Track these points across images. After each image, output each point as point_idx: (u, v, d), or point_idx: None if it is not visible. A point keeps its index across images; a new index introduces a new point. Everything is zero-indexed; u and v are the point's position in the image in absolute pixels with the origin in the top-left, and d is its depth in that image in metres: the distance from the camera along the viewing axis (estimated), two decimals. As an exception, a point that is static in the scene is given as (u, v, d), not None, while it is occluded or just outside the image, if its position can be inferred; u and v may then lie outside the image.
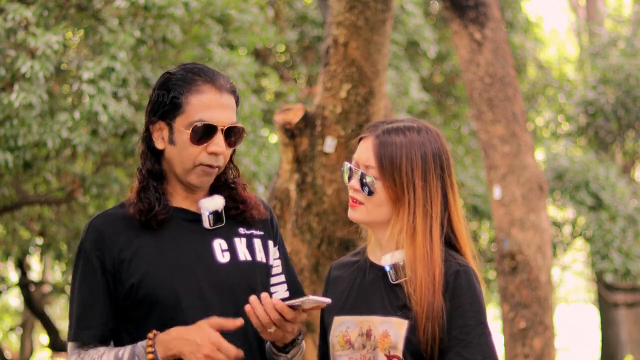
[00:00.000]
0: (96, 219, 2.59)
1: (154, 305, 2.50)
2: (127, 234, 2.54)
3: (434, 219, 2.50)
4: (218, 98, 2.55)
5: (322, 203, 5.25)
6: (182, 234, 2.56)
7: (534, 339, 7.18)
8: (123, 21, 8.17)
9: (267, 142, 9.85)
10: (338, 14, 5.21)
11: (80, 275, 2.55)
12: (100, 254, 2.53)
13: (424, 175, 2.50)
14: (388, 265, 2.52)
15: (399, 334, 2.46)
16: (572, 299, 26.82)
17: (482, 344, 2.44)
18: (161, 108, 2.56)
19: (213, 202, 2.59)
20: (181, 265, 2.51)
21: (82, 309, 2.53)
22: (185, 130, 2.52)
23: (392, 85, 11.44)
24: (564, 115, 14.81)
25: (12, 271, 15.37)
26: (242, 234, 2.63)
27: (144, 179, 2.57)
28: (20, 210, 10.27)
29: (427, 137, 2.54)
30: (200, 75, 2.56)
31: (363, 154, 2.55)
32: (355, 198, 2.56)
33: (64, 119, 7.72)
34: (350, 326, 2.54)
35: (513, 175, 7.49)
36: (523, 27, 15.08)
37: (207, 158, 2.53)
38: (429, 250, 2.48)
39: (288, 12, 12.49)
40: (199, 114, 2.52)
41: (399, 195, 2.50)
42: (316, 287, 5.30)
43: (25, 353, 16.49)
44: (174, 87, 2.55)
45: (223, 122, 2.54)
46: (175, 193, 2.60)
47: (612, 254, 11.44)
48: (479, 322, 2.46)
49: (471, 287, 2.47)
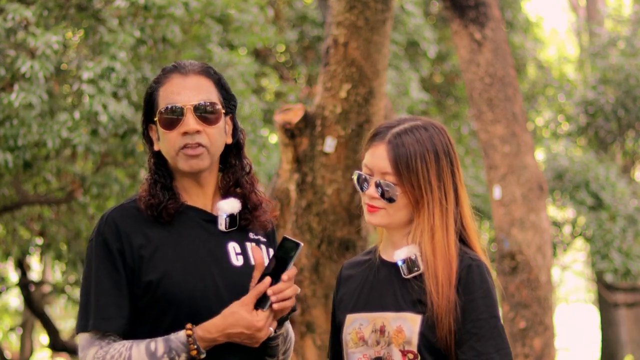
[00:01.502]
0: (114, 211, 2.57)
1: (170, 305, 2.49)
2: (145, 230, 2.54)
3: (449, 217, 2.54)
4: (182, 81, 2.57)
5: (322, 203, 5.25)
6: (198, 235, 2.57)
7: (534, 339, 7.18)
8: (123, 21, 8.17)
9: (267, 142, 9.85)
10: (338, 14, 5.21)
11: (99, 265, 2.51)
12: (120, 246, 2.51)
13: (438, 173, 2.53)
14: (400, 259, 2.53)
15: (413, 329, 2.47)
16: (572, 299, 26.82)
17: (495, 337, 2.47)
18: (147, 112, 2.60)
19: (230, 205, 2.60)
20: (199, 266, 2.52)
21: (104, 298, 2.49)
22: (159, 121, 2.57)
23: (392, 85, 11.44)
24: (564, 115, 14.81)
25: (12, 271, 15.36)
26: (252, 239, 2.64)
27: (151, 176, 2.60)
28: (20, 210, 10.26)
29: (434, 133, 2.56)
30: (167, 68, 2.61)
31: (377, 161, 2.55)
32: (373, 205, 2.56)
33: (64, 119, 7.72)
34: (363, 323, 2.55)
35: (513, 175, 7.49)
36: (523, 27, 15.08)
37: (180, 140, 2.54)
38: (447, 246, 2.51)
39: (288, 12, 12.49)
40: (165, 101, 2.56)
41: (418, 198, 2.52)
42: (316, 287, 5.30)
43: (25, 353, 16.49)
44: (150, 88, 2.61)
45: (189, 102, 2.55)
46: (185, 192, 2.61)
47: (612, 253, 11.44)
48: (492, 315, 2.48)
49: (484, 281, 2.50)
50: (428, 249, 2.51)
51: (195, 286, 2.50)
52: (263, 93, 12.31)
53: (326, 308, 5.33)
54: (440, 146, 2.55)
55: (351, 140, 5.22)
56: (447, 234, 2.52)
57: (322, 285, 5.31)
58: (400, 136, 2.54)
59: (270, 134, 10.79)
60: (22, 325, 16.93)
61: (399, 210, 2.54)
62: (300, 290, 2.67)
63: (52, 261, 11.70)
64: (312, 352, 5.34)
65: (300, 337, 5.34)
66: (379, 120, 5.33)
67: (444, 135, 2.57)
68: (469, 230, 2.58)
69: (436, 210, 2.52)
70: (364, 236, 5.40)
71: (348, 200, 5.27)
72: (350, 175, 5.25)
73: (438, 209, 2.52)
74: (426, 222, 2.52)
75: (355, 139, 5.23)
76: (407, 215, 2.55)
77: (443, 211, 2.53)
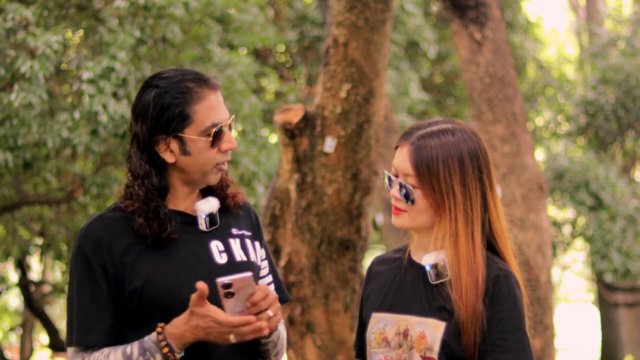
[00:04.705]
0: (92, 223, 2.58)
1: (157, 309, 2.51)
2: (126, 237, 2.54)
3: (475, 223, 2.49)
4: (216, 97, 2.59)
5: (322, 203, 5.25)
6: (180, 237, 2.57)
7: (534, 339, 7.17)
8: (123, 21, 8.17)
9: (267, 142, 9.85)
10: (338, 14, 5.21)
11: (80, 280, 2.54)
12: (100, 259, 2.52)
13: (462, 179, 2.49)
14: (429, 265, 2.50)
15: (435, 336, 2.45)
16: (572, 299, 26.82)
17: (520, 350, 2.44)
18: (170, 124, 2.55)
19: (209, 205, 2.61)
20: (183, 268, 2.52)
21: (86, 313, 2.52)
22: (201, 138, 2.55)
23: (392, 85, 11.45)
24: (564, 115, 14.81)
25: (12, 271, 15.36)
26: (236, 235, 2.65)
27: (152, 197, 2.55)
28: (20, 210, 10.26)
29: (462, 138, 2.52)
30: (193, 81, 2.58)
31: (401, 162, 2.53)
32: (397, 206, 2.54)
33: (64, 119, 7.72)
34: (387, 324, 2.53)
35: (513, 175, 7.49)
36: (523, 27, 15.09)
37: (222, 156, 2.59)
38: (472, 254, 2.46)
39: (288, 12, 12.49)
40: (209, 119, 2.55)
41: (439, 202, 2.48)
42: (316, 287, 5.30)
43: (25, 353, 16.50)
44: (176, 100, 2.55)
45: (227, 119, 2.60)
46: (173, 198, 2.61)
47: (612, 253, 11.44)
48: (517, 327, 2.46)
49: (511, 293, 2.48)
50: (452, 256, 2.47)
51: (181, 288, 2.50)
52: (263, 93, 12.31)
53: (326, 308, 5.33)
54: (467, 152, 2.51)
55: (351, 140, 5.22)
56: (472, 241, 2.47)
57: (322, 285, 5.31)
58: (425, 139, 2.51)
59: (270, 134, 10.79)
60: (22, 325, 16.94)
61: (420, 214, 2.51)
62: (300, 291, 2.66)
63: (52, 261, 11.70)
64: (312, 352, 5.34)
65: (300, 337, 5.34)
66: (379, 120, 5.33)
67: (473, 140, 2.54)
68: (499, 238, 2.53)
69: (459, 216, 2.47)
70: (364, 236, 5.40)
71: (348, 200, 5.27)
72: (349, 175, 5.25)
73: (462, 215, 2.47)
74: (448, 227, 2.48)
75: (355, 139, 5.23)
76: (430, 219, 2.51)
77: (468, 218, 2.48)
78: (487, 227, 2.52)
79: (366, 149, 5.26)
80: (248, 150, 9.03)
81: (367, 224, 5.42)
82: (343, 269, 5.32)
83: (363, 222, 5.36)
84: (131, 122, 2.61)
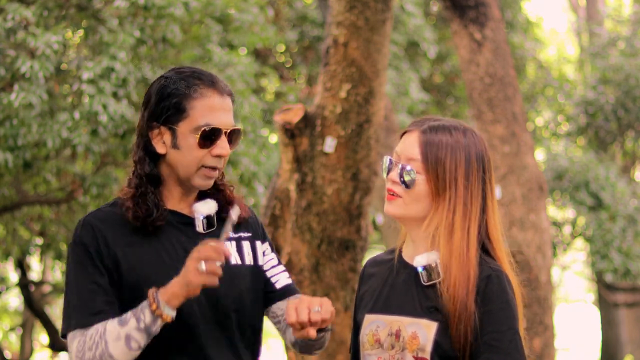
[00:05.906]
0: (90, 215, 2.60)
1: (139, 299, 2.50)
2: (122, 234, 2.56)
3: (472, 220, 2.49)
4: (221, 101, 2.58)
5: (322, 203, 5.25)
6: (176, 238, 2.59)
7: (534, 339, 7.18)
8: (123, 21, 8.17)
9: (267, 142, 9.85)
10: (338, 14, 5.21)
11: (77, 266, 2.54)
12: (97, 248, 2.54)
13: (467, 174, 2.50)
14: (421, 266, 2.50)
15: (427, 337, 2.45)
16: (572, 299, 26.81)
17: (512, 350, 2.45)
18: (164, 113, 2.57)
19: (207, 207, 2.62)
20: (177, 269, 2.51)
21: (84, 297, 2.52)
22: (192, 135, 2.55)
23: (392, 85, 11.45)
24: (564, 115, 14.81)
25: (12, 271, 15.37)
26: (232, 238, 2.65)
27: (142, 184, 2.58)
28: (20, 210, 10.27)
29: (472, 140, 2.54)
30: (202, 79, 2.59)
31: (407, 147, 2.53)
32: (392, 190, 2.53)
33: (64, 119, 7.72)
34: (380, 325, 2.53)
35: (513, 175, 7.49)
36: (523, 27, 15.09)
37: (211, 160, 2.57)
38: (466, 249, 2.46)
39: (288, 12, 12.49)
40: (205, 118, 2.55)
41: (440, 190, 2.48)
42: (316, 287, 5.30)
43: (25, 353, 16.49)
44: (176, 92, 2.57)
45: (227, 125, 2.58)
46: (170, 196, 2.62)
47: (612, 253, 11.44)
48: (509, 327, 2.46)
49: (503, 292, 2.47)
50: (445, 249, 2.46)
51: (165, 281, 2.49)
52: (263, 93, 12.31)
53: (326, 308, 5.32)
54: (475, 152, 2.53)
55: (351, 140, 5.22)
56: (467, 236, 2.47)
57: (322, 285, 5.31)
58: (437, 130, 2.52)
59: (270, 134, 10.79)
60: (22, 325, 16.93)
61: (416, 201, 2.50)
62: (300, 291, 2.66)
63: (52, 261, 11.71)
64: (312, 352, 5.33)
65: (300, 337, 5.34)
66: (379, 120, 5.33)
67: (481, 145, 2.56)
68: (495, 242, 2.53)
69: (458, 208, 2.48)
70: (364, 236, 5.40)
71: (348, 200, 5.27)
72: (349, 175, 5.26)
73: (461, 208, 2.48)
74: (444, 217, 2.47)
75: (355, 139, 5.23)
76: (424, 209, 2.50)
77: (466, 212, 2.48)
78: (484, 229, 2.52)
79: (366, 149, 5.26)
80: (248, 150, 9.03)
81: (367, 224, 5.42)
82: (343, 269, 5.32)
83: (363, 222, 5.36)
84: None
